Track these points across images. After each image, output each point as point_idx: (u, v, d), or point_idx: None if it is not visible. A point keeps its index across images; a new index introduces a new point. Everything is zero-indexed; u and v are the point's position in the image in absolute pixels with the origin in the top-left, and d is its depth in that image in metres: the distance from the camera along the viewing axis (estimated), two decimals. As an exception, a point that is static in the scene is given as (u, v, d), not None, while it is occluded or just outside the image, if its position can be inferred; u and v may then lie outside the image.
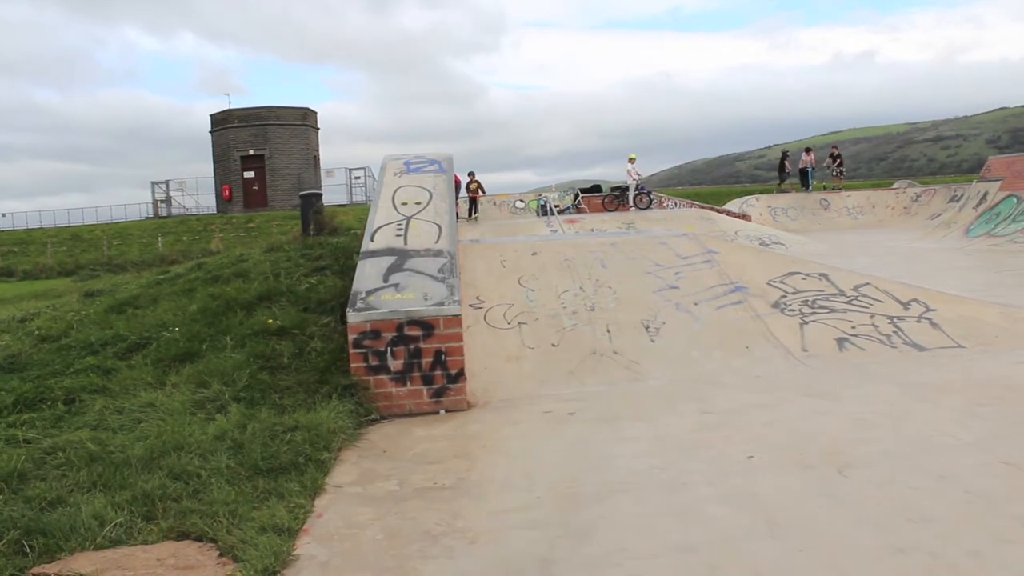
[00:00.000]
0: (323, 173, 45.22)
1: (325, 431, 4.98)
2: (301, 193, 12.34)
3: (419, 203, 7.72)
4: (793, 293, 7.58)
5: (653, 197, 25.74)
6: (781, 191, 28.31)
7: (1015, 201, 17.50)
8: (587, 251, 8.31)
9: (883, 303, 7.42)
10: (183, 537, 3.69)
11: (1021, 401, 5.29)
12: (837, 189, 27.32)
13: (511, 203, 29.41)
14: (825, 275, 7.90)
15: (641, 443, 4.87)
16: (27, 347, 7.13)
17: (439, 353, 5.90)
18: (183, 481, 4.20)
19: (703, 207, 24.01)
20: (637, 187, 24.84)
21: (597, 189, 30.11)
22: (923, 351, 6.73)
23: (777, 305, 7.40)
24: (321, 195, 13.12)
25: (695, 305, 7.41)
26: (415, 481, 4.47)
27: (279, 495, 4.12)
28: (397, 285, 6.25)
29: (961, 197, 21.42)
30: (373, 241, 6.98)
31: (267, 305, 7.26)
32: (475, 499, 4.17)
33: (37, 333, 7.59)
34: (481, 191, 26.23)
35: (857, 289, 7.64)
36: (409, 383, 5.87)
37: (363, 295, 6.11)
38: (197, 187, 45.73)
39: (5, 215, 48.18)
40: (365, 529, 3.85)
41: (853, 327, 7.07)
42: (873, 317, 7.21)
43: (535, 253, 8.27)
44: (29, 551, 3.50)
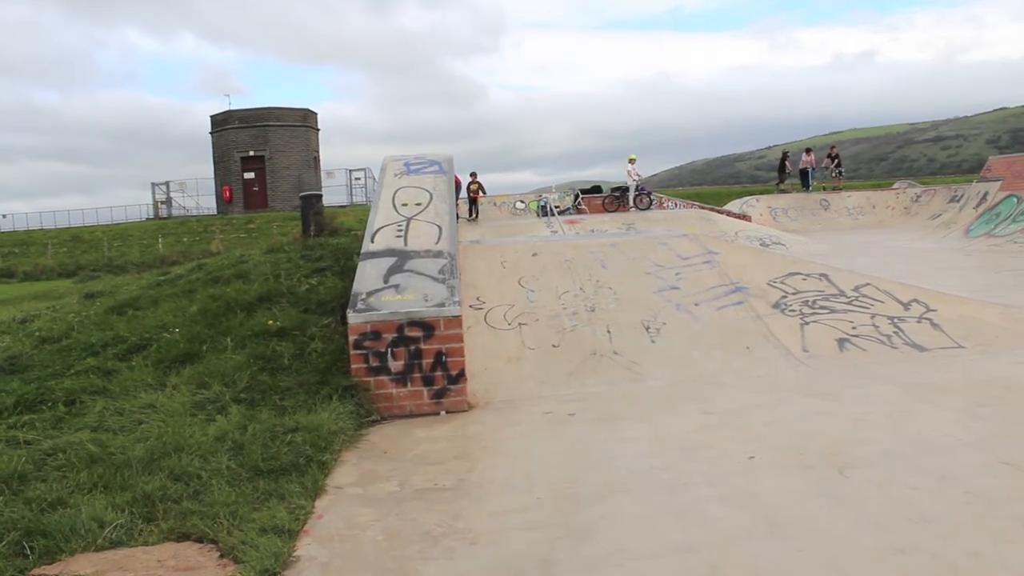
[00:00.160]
0: (323, 174, 45.24)
1: (326, 432, 4.98)
2: (301, 194, 12.35)
3: (419, 204, 7.72)
4: (793, 293, 7.58)
5: (653, 198, 25.74)
6: (781, 191, 28.32)
7: (1015, 201, 17.50)
8: (587, 252, 8.31)
9: (883, 303, 7.42)
10: (184, 538, 3.69)
11: (1021, 401, 5.29)
12: (837, 189, 27.32)
13: (511, 204, 29.42)
14: (825, 275, 7.90)
15: (641, 444, 4.88)
16: (28, 348, 7.13)
17: (439, 354, 5.91)
18: (184, 482, 4.20)
19: (703, 208, 24.02)
20: (637, 188, 24.84)
21: (597, 190, 30.13)
22: (923, 351, 6.73)
23: (777, 305, 7.41)
24: (321, 196, 13.13)
25: (695, 305, 7.41)
26: (416, 482, 4.47)
27: (280, 496, 4.12)
28: (397, 286, 6.26)
29: (961, 197, 21.42)
30: (373, 242, 6.99)
31: (267, 306, 7.26)
32: (476, 500, 4.17)
33: (38, 334, 7.60)
34: (482, 192, 26.22)
35: (858, 289, 7.64)
36: (409, 384, 5.87)
37: (363, 296, 6.11)
38: (197, 188, 45.76)
39: (5, 216, 48.22)
40: (366, 530, 3.85)
41: (854, 327, 7.07)
42: (874, 317, 7.21)
43: (535, 254, 8.28)
44: (29, 552, 3.50)
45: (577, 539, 3.61)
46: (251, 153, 43.30)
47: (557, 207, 25.65)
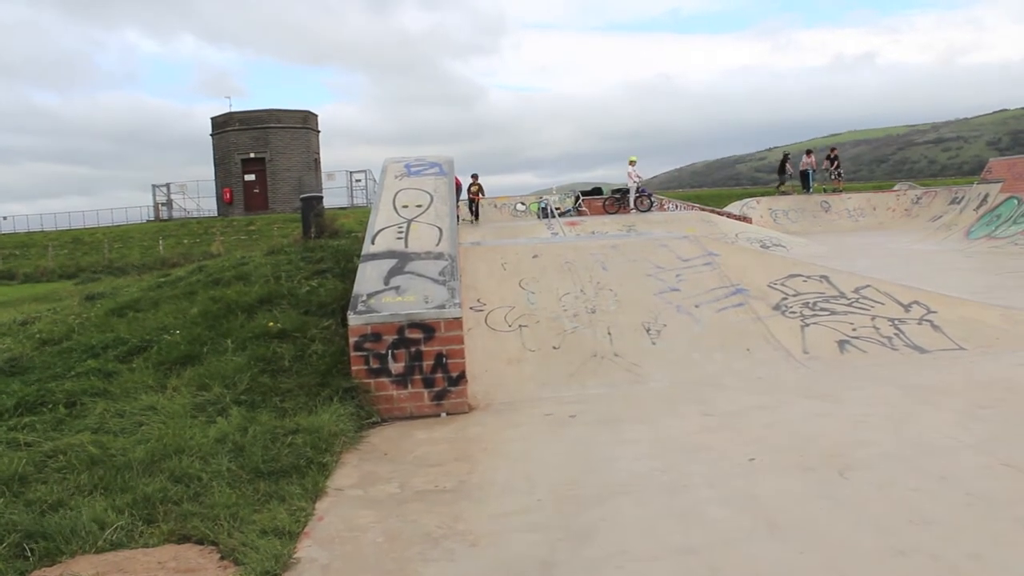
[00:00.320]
0: (324, 176, 45.26)
1: (326, 434, 4.98)
2: (302, 196, 12.36)
3: (420, 206, 7.73)
4: (794, 295, 7.58)
5: (654, 200, 25.75)
6: (781, 193, 28.32)
7: (1016, 203, 17.49)
8: (588, 253, 8.31)
9: (884, 305, 7.42)
10: (184, 540, 3.69)
11: (1022, 403, 5.29)
12: (837, 191, 27.33)
13: (512, 205, 29.44)
14: (826, 277, 7.90)
15: (642, 445, 4.88)
16: (28, 350, 7.14)
17: (440, 356, 5.91)
18: (184, 484, 4.20)
19: (704, 209, 24.02)
20: (638, 189, 24.85)
21: (598, 192, 30.14)
22: (924, 353, 6.73)
23: (778, 307, 7.41)
24: (322, 198, 13.13)
25: (696, 307, 7.41)
26: (416, 484, 4.47)
27: (280, 498, 4.12)
28: (398, 288, 6.26)
29: (962, 199, 21.43)
30: (374, 244, 6.99)
31: (268, 308, 7.27)
32: (476, 502, 4.17)
33: (38, 336, 7.60)
34: (481, 193, 26.24)
35: (858, 291, 7.64)
36: (410, 386, 5.87)
37: (364, 298, 6.12)
38: (198, 190, 45.78)
39: (6, 218, 48.28)
40: (366, 532, 3.85)
41: (854, 329, 7.07)
42: (874, 319, 7.21)
43: (536, 256, 8.28)
44: (30, 554, 3.50)
45: (578, 541, 3.61)
46: (252, 155, 43.34)
47: (558, 209, 25.67)
